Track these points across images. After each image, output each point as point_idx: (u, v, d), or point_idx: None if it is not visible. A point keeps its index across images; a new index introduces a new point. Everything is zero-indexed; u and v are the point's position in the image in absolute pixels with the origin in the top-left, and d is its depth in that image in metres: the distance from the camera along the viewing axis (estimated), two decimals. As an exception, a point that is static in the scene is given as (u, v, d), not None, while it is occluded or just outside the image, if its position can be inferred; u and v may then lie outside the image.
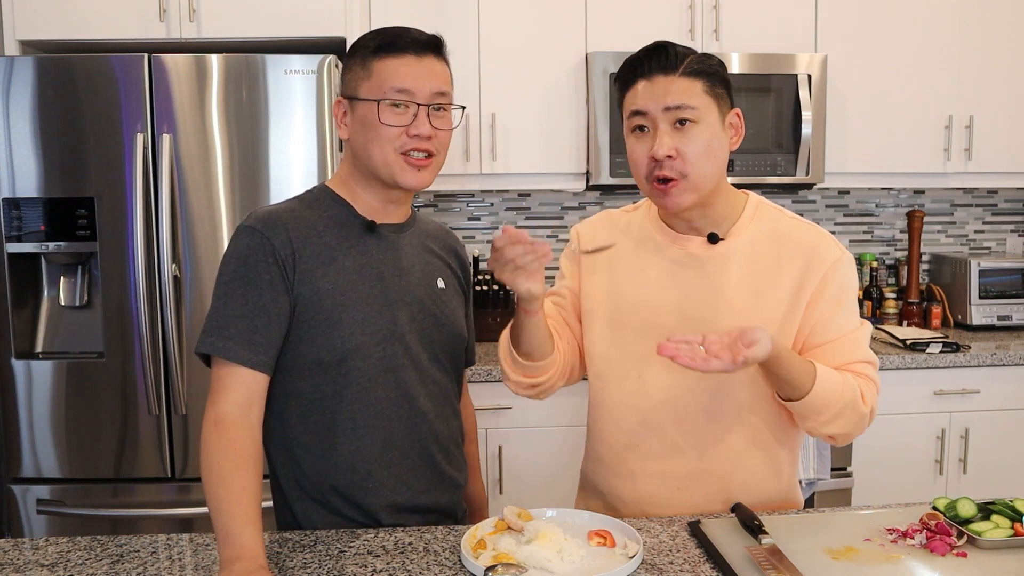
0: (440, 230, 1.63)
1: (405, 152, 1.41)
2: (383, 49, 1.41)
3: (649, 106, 1.40)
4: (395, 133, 1.40)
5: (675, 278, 1.49)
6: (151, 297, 2.49)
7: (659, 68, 1.40)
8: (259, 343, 1.35)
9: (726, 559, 1.24)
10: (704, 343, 1.29)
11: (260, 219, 1.41)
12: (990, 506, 1.36)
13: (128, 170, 2.48)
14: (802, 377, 1.37)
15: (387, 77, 1.39)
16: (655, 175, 1.41)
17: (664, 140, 1.39)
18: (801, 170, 3.01)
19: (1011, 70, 3.17)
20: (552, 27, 3.00)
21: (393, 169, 1.41)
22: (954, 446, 2.94)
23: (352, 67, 1.44)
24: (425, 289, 1.50)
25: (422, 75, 1.41)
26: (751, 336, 1.28)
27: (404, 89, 1.39)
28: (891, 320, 3.40)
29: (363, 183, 1.47)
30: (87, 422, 2.56)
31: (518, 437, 2.81)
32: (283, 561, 1.29)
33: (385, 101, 1.39)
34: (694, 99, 1.39)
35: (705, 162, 1.40)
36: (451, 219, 3.42)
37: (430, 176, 1.45)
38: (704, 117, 1.40)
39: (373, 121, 1.40)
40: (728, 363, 1.27)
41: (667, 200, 1.42)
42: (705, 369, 1.27)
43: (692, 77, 1.40)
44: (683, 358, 1.27)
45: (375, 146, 1.41)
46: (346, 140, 1.46)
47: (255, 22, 2.68)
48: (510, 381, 1.55)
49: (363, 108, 1.41)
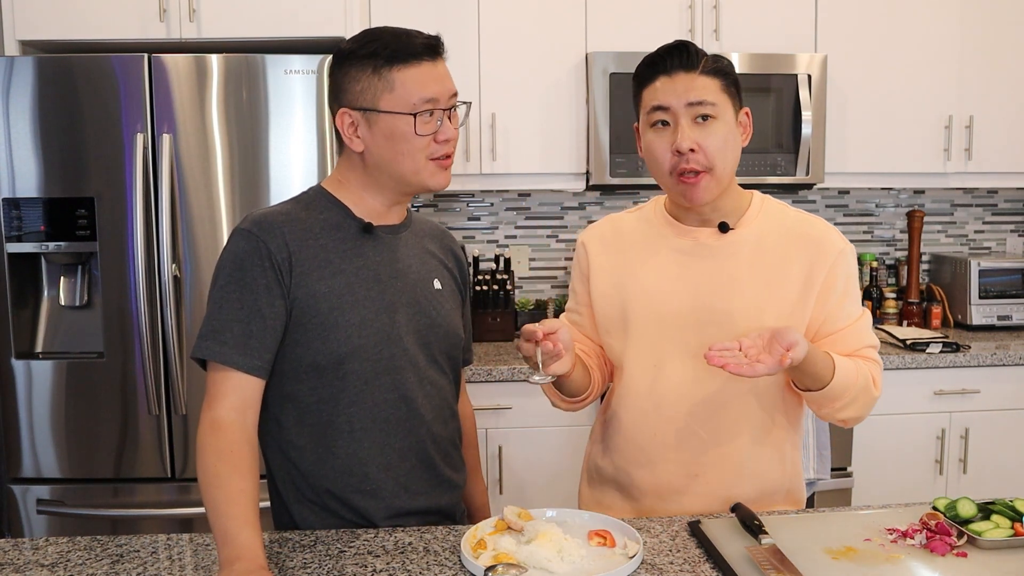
0: (437, 230, 1.63)
1: (435, 157, 1.41)
2: (398, 58, 1.38)
3: (672, 101, 1.45)
4: (426, 142, 1.40)
5: (686, 268, 1.53)
6: (151, 297, 2.49)
7: (681, 66, 1.45)
8: (254, 347, 1.35)
9: (726, 559, 1.25)
10: (742, 348, 1.34)
11: (255, 222, 1.40)
12: (990, 506, 1.36)
13: (128, 170, 2.48)
14: (824, 369, 1.42)
15: (412, 88, 1.37)
16: (680, 168, 1.45)
17: (687, 134, 1.44)
18: (801, 170, 3.01)
19: (1011, 70, 3.17)
20: (552, 27, 3.00)
21: (423, 176, 1.42)
22: (954, 446, 2.94)
23: (361, 77, 1.39)
24: (421, 291, 1.50)
25: (441, 80, 1.41)
26: (788, 338, 1.32)
27: (432, 98, 1.39)
28: (891, 320, 3.40)
29: (374, 190, 1.46)
30: (87, 422, 2.56)
31: (518, 437, 2.81)
32: (283, 561, 1.29)
33: (419, 113, 1.38)
34: (714, 96, 1.45)
35: (725, 154, 1.47)
36: (451, 219, 3.42)
37: (451, 174, 1.47)
38: (722, 114, 1.46)
39: (405, 133, 1.38)
40: (773, 366, 1.32)
41: (695, 193, 1.47)
42: (752, 375, 1.31)
43: (711, 76, 1.46)
44: (732, 366, 1.31)
45: (405, 158, 1.40)
46: (360, 152, 1.43)
47: (255, 22, 2.67)
48: (558, 408, 1.66)
49: (388, 120, 1.38)
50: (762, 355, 1.33)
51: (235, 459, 1.29)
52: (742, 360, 1.32)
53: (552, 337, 1.38)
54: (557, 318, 1.56)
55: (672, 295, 1.52)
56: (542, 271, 3.48)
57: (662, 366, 1.53)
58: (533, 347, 1.38)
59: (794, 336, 1.33)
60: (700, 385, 1.51)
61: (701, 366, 1.50)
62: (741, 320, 1.48)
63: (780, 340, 1.33)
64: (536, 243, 3.47)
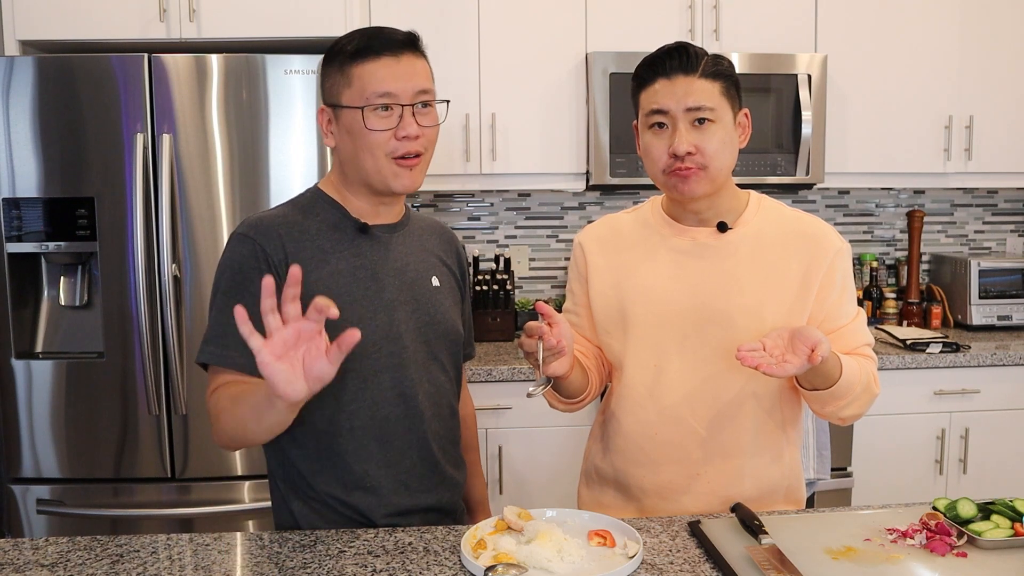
0: (436, 226, 1.63)
1: (396, 156, 1.40)
2: (360, 54, 1.39)
3: (670, 105, 1.45)
4: (384, 138, 1.39)
5: (685, 268, 1.53)
6: (151, 297, 2.49)
7: (680, 68, 1.45)
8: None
9: (726, 559, 1.25)
10: (766, 348, 1.35)
11: (252, 226, 1.41)
12: (990, 506, 1.36)
13: (128, 170, 2.48)
14: (833, 368, 1.43)
15: (368, 82, 1.38)
16: (674, 168, 1.46)
17: (684, 137, 1.45)
18: (801, 170, 3.01)
19: (1011, 70, 3.17)
20: (552, 27, 3.00)
21: (385, 175, 1.41)
22: (954, 446, 2.94)
23: (331, 74, 1.42)
24: (420, 288, 1.50)
25: (402, 75, 1.40)
26: (813, 337, 1.33)
27: (386, 92, 1.38)
28: (891, 320, 3.40)
29: (353, 189, 1.47)
30: (87, 422, 2.56)
31: (518, 437, 2.81)
32: (283, 561, 1.29)
33: (369, 107, 1.38)
34: (713, 100, 1.45)
35: (722, 155, 1.47)
36: (451, 219, 3.42)
37: (420, 176, 1.45)
38: (721, 117, 1.46)
39: (359, 128, 1.39)
40: (800, 366, 1.33)
41: (686, 185, 1.47)
42: (782, 374, 1.33)
43: (711, 79, 1.46)
44: (765, 366, 1.31)
45: (365, 153, 1.40)
46: (333, 148, 1.46)
47: (255, 22, 2.67)
48: (555, 408, 1.65)
49: (347, 116, 1.40)
50: (787, 355, 1.34)
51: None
52: (770, 360, 1.33)
53: (556, 331, 1.38)
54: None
55: (671, 295, 1.53)
56: (542, 271, 3.48)
57: (662, 366, 1.53)
58: (535, 342, 1.38)
59: (817, 334, 1.33)
60: (700, 384, 1.51)
61: (701, 365, 1.51)
62: (741, 319, 1.49)
63: (803, 339, 1.33)
64: (536, 243, 3.47)
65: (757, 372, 1.37)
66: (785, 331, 1.37)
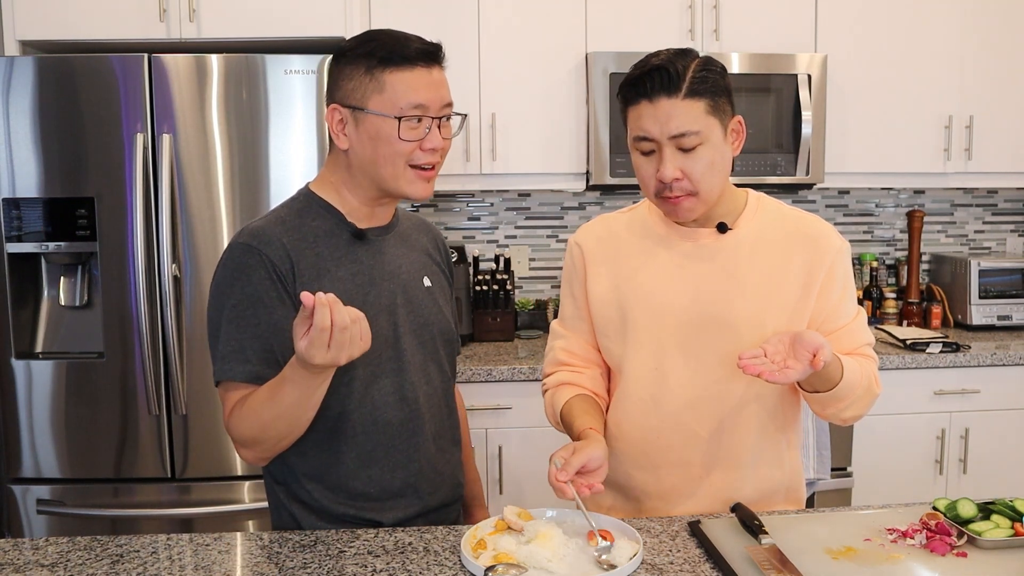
0: (420, 223, 1.63)
1: (414, 164, 1.40)
2: (392, 60, 1.37)
3: (654, 132, 1.41)
4: (411, 148, 1.39)
5: (686, 270, 1.52)
6: (151, 297, 2.49)
7: (662, 89, 1.39)
8: (274, 362, 1.36)
9: (726, 559, 1.25)
10: (767, 354, 1.34)
11: (254, 235, 1.39)
12: (990, 506, 1.36)
13: (128, 170, 2.48)
14: (834, 370, 1.42)
15: (402, 92, 1.37)
16: (664, 194, 1.45)
17: (669, 165, 1.41)
18: (801, 170, 3.01)
19: (1011, 70, 3.17)
20: (552, 27, 3.00)
21: (401, 182, 1.41)
22: (954, 446, 2.94)
23: (354, 76, 1.39)
24: (414, 290, 1.50)
25: (434, 88, 1.39)
26: (814, 341, 1.32)
27: (420, 104, 1.37)
28: (891, 320, 3.40)
29: (357, 191, 1.45)
30: (87, 422, 2.56)
31: (518, 437, 2.81)
32: (283, 561, 1.29)
33: (404, 118, 1.36)
34: (697, 123, 1.40)
35: (711, 177, 1.43)
36: (451, 219, 3.42)
37: (433, 185, 1.46)
38: (708, 138, 1.41)
39: (388, 136, 1.37)
40: (803, 371, 1.33)
41: (678, 213, 1.47)
42: (785, 381, 1.33)
43: (695, 98, 1.40)
44: (767, 373, 1.31)
45: (386, 160, 1.39)
46: (345, 150, 1.43)
47: (255, 22, 2.68)
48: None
49: (374, 121, 1.38)
50: (789, 360, 1.33)
51: None
52: (772, 366, 1.32)
53: (589, 481, 1.34)
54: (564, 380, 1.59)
55: (672, 298, 1.51)
56: (542, 271, 3.48)
57: (663, 370, 1.52)
58: (570, 494, 1.33)
59: (818, 338, 1.32)
60: (703, 389, 1.50)
61: (704, 370, 1.50)
62: (743, 320, 1.48)
63: (805, 344, 1.32)
64: (536, 243, 3.47)
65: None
66: (786, 336, 1.35)
